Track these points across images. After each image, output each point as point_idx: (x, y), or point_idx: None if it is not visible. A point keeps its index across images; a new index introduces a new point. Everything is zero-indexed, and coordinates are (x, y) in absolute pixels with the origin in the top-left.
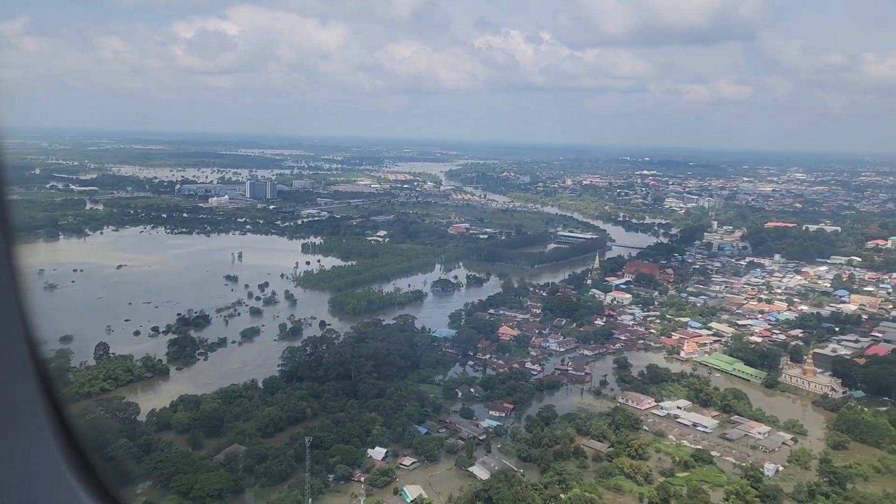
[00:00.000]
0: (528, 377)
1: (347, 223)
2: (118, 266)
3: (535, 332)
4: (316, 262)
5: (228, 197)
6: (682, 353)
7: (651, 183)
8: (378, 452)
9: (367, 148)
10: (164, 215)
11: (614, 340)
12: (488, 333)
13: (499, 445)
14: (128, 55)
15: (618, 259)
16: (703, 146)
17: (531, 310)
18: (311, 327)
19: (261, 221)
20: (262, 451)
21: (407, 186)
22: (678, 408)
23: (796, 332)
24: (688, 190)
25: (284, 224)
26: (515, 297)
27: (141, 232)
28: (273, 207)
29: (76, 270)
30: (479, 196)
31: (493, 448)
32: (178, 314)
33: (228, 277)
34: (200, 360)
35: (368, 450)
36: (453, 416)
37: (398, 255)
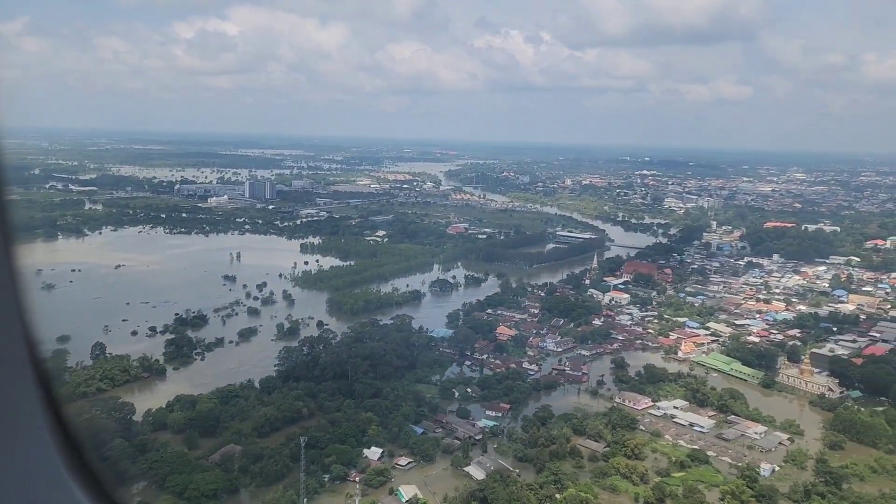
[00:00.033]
0: (525, 377)
1: (346, 223)
2: (116, 266)
3: (533, 332)
4: (314, 262)
5: (227, 197)
6: (680, 353)
7: (651, 183)
8: (374, 452)
9: (366, 148)
10: (162, 215)
11: (612, 340)
12: (486, 333)
13: (495, 445)
14: (128, 55)
15: (616, 259)
16: (704, 146)
17: (529, 310)
18: (308, 327)
19: (259, 221)
20: (257, 450)
21: (406, 186)
22: (675, 408)
23: (794, 332)
24: (687, 190)
25: (283, 224)
26: (513, 297)
27: (140, 232)
28: (272, 207)
29: (74, 270)
30: (479, 196)
31: (489, 448)
32: (175, 314)
33: (226, 277)
34: (197, 360)
35: (364, 450)
36: (450, 416)
37: (396, 256)
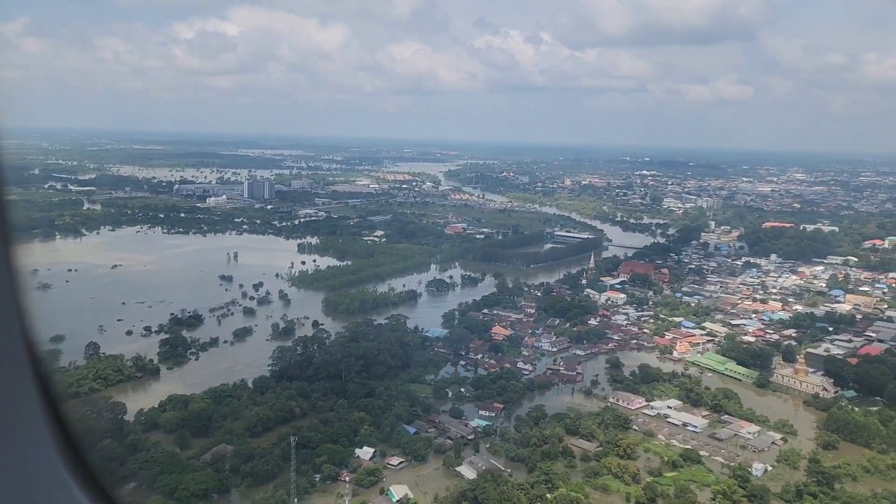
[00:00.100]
0: (519, 377)
1: (344, 223)
2: (113, 266)
3: (529, 331)
4: (311, 261)
5: (226, 197)
6: (675, 353)
7: (650, 183)
8: (366, 452)
9: (366, 148)
10: (161, 215)
11: (607, 340)
12: (481, 333)
13: (487, 445)
14: (128, 55)
15: (613, 259)
16: (704, 146)
17: (525, 309)
18: (303, 327)
19: (258, 221)
20: (249, 450)
21: (405, 186)
22: (668, 407)
23: (790, 331)
24: (686, 190)
25: (281, 224)
26: (510, 297)
27: (137, 232)
28: (270, 207)
29: (71, 270)
30: (478, 196)
31: (481, 448)
32: (171, 314)
33: (223, 277)
34: (192, 360)
35: (356, 449)
36: (443, 416)
37: (394, 255)
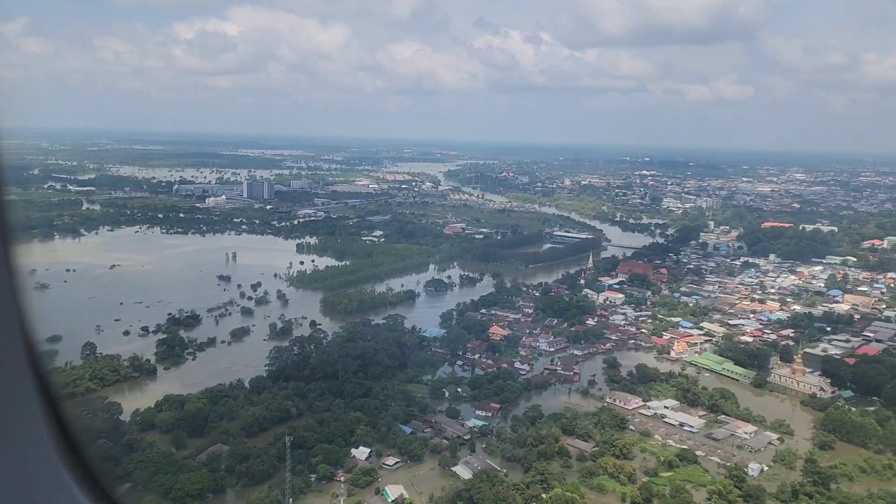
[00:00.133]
0: (516, 377)
1: (343, 223)
2: (111, 266)
3: (526, 331)
4: (310, 262)
5: (225, 197)
6: (672, 353)
7: (650, 183)
8: (362, 452)
9: (367, 148)
10: (160, 215)
11: (605, 340)
12: (478, 333)
13: (483, 445)
14: (128, 56)
15: (612, 259)
16: (704, 146)
17: (523, 309)
18: (301, 327)
19: (257, 221)
20: (244, 450)
21: (405, 187)
22: (665, 407)
23: (788, 331)
24: (686, 190)
25: (280, 224)
26: (508, 297)
27: (136, 232)
28: (270, 207)
29: (69, 270)
30: (477, 196)
31: (477, 448)
32: (168, 314)
33: (221, 277)
34: (189, 360)
35: (352, 449)
36: (439, 416)
37: (392, 255)
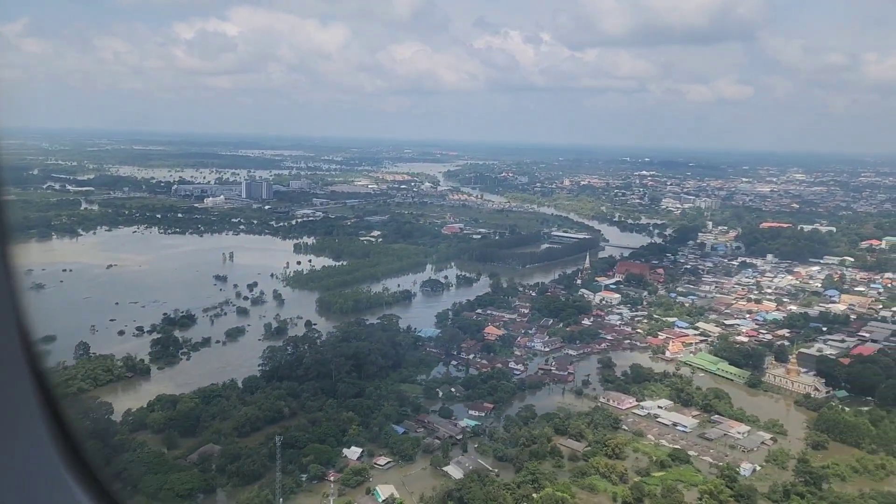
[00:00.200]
0: (510, 377)
1: (341, 223)
2: (108, 266)
3: (522, 331)
4: (307, 262)
5: (224, 197)
6: (668, 353)
7: (649, 183)
8: (353, 452)
9: (367, 148)
10: (158, 215)
11: (600, 340)
12: (474, 333)
13: (476, 445)
14: (128, 56)
15: (609, 259)
16: (704, 146)
17: (519, 310)
18: (296, 327)
19: (255, 221)
20: (236, 450)
21: (404, 187)
22: (659, 407)
23: (783, 331)
24: (685, 190)
25: (278, 224)
26: (504, 297)
27: (134, 232)
28: (268, 208)
29: (65, 270)
30: (476, 196)
31: (469, 448)
32: (164, 314)
33: (218, 277)
34: (183, 360)
35: (344, 449)
36: (432, 416)
37: (390, 256)
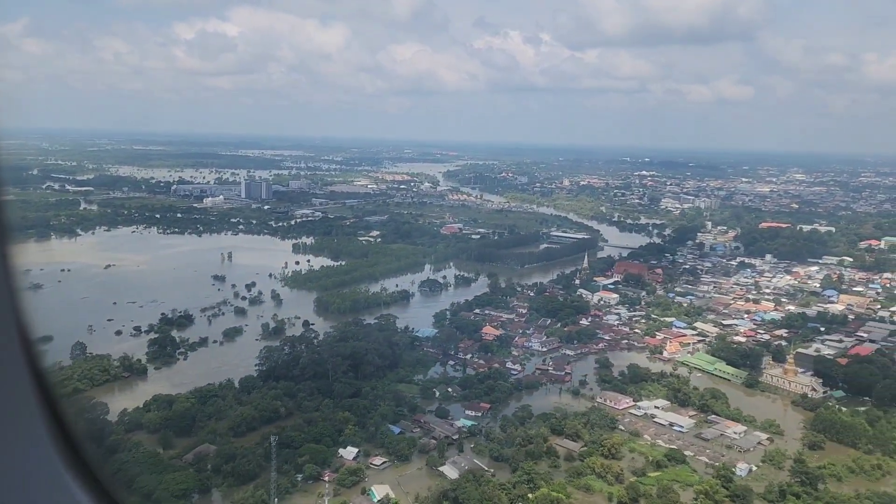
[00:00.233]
0: (507, 377)
1: (340, 223)
2: (106, 266)
3: (519, 331)
4: (305, 262)
5: (223, 197)
6: (665, 353)
7: (649, 184)
8: (349, 452)
9: (367, 149)
10: (157, 215)
11: (598, 340)
12: (471, 333)
13: (472, 445)
14: (129, 56)
15: (608, 259)
16: (705, 147)
17: (517, 310)
18: (294, 327)
19: (254, 221)
20: (231, 450)
21: (404, 187)
22: (656, 407)
23: (781, 331)
24: (685, 191)
25: (277, 224)
26: (502, 297)
27: (133, 232)
28: (267, 208)
29: (63, 270)
30: (476, 196)
31: (465, 448)
32: (161, 314)
33: (216, 277)
34: (180, 360)
35: (340, 449)
36: (428, 416)
37: (388, 256)
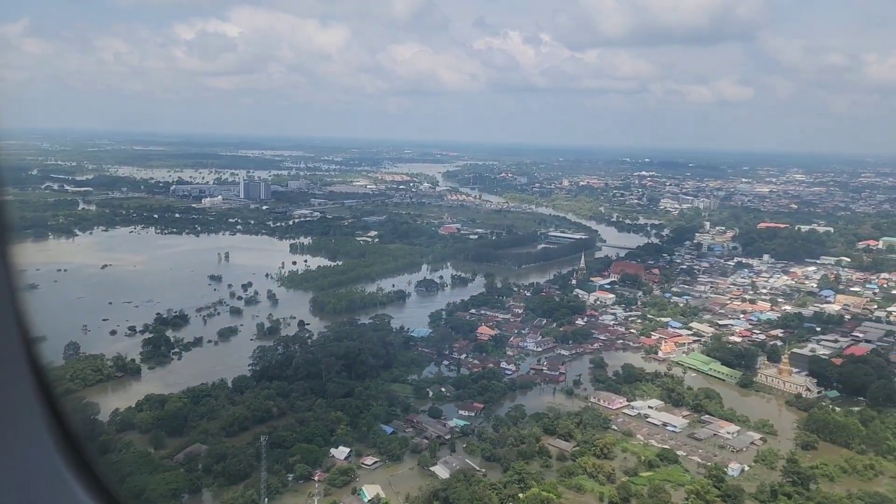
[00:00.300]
0: (501, 377)
1: (338, 223)
2: (103, 266)
3: (515, 331)
4: (303, 262)
5: (222, 197)
6: (660, 353)
7: (648, 184)
8: (341, 452)
9: (367, 149)
10: (155, 216)
11: (593, 340)
12: (466, 333)
13: (464, 445)
14: (129, 56)
15: (605, 259)
16: (705, 147)
17: (513, 310)
18: (289, 327)
19: (252, 222)
20: (222, 450)
21: (403, 187)
22: (649, 407)
23: (777, 331)
24: (684, 191)
25: (275, 224)
26: (498, 297)
27: (131, 232)
28: (266, 208)
29: (60, 270)
30: (475, 197)
31: (457, 448)
32: (156, 314)
33: (212, 277)
34: (174, 360)
35: (331, 449)
36: (421, 416)
37: (386, 256)
